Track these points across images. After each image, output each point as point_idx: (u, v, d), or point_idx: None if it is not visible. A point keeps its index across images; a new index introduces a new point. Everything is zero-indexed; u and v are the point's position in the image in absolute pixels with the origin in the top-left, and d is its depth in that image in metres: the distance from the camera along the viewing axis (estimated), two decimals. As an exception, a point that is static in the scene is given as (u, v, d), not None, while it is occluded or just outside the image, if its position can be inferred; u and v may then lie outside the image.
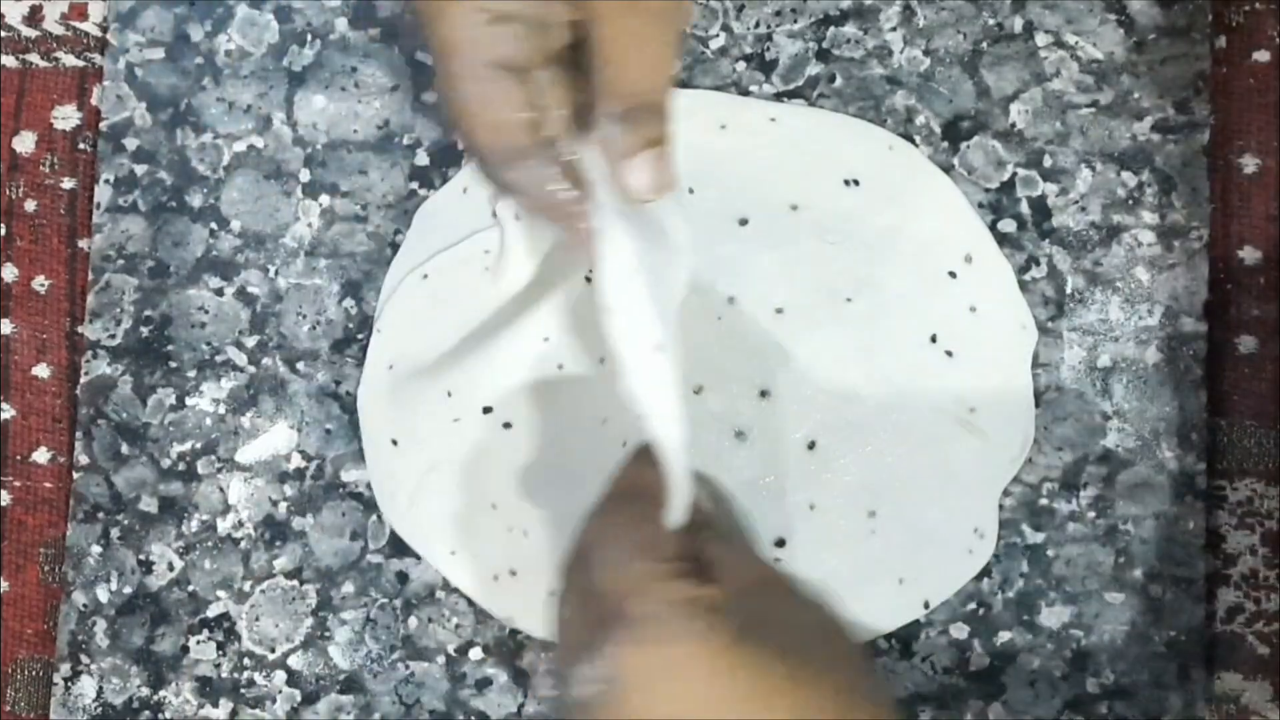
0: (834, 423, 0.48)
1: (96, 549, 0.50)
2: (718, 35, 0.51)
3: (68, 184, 0.53)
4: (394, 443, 0.49)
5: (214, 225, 0.51)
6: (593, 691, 0.35)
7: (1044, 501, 0.49)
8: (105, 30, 0.52)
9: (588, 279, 0.48)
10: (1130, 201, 0.49)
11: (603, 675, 0.35)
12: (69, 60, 0.53)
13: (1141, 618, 0.48)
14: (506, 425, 0.49)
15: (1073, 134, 0.49)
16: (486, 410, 0.49)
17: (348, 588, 0.50)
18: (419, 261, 0.50)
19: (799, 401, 0.48)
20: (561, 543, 0.48)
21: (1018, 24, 0.50)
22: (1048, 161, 0.50)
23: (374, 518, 0.50)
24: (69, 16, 0.53)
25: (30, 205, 0.52)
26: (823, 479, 0.48)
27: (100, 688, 0.50)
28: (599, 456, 0.48)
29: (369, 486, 0.50)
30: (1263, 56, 0.50)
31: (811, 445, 0.48)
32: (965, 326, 0.49)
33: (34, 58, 0.53)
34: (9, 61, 0.53)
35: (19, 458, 0.52)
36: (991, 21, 0.50)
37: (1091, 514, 0.48)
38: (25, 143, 0.53)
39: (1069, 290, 0.49)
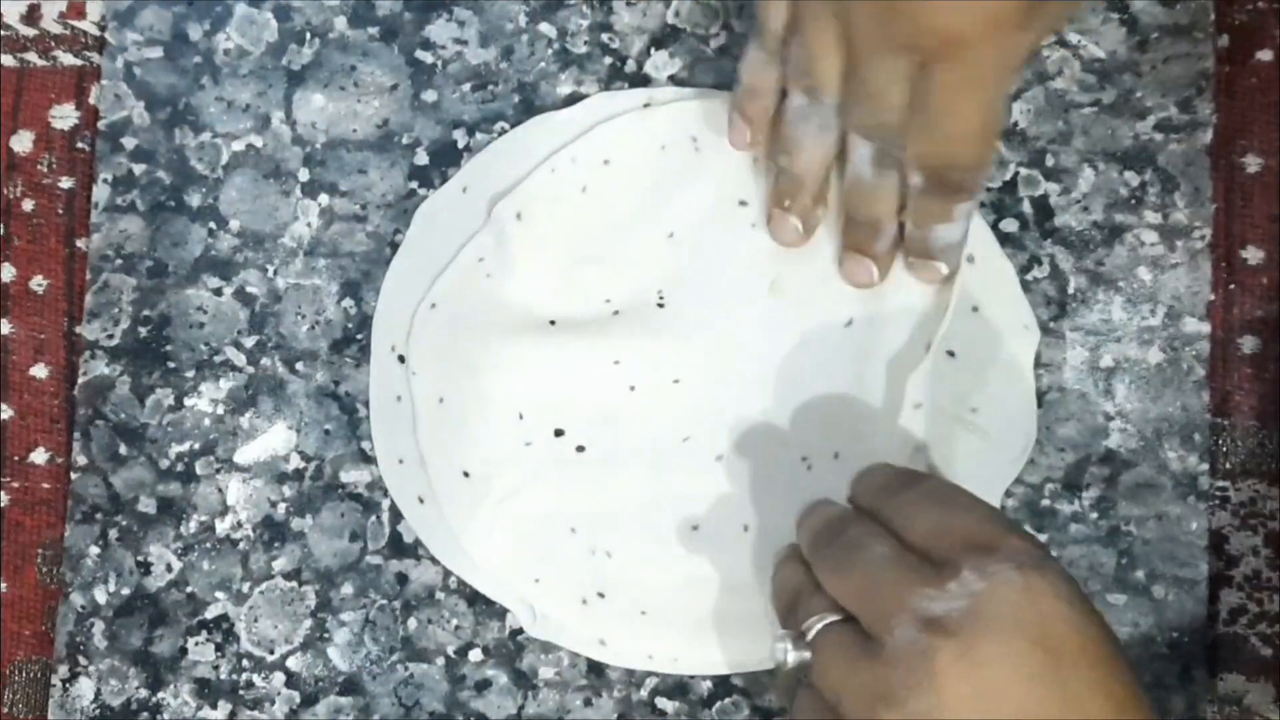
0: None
1: (95, 550, 0.50)
2: (718, 35, 0.51)
3: (66, 183, 0.52)
4: (466, 474, 0.49)
5: (213, 225, 0.51)
6: (953, 607, 0.36)
7: (1046, 502, 0.48)
8: (103, 29, 0.52)
9: (659, 304, 0.48)
10: (1133, 201, 0.49)
11: (971, 591, 0.36)
12: (67, 59, 0.53)
13: (1144, 619, 0.48)
14: (580, 449, 0.49)
15: (1075, 133, 0.49)
16: (558, 433, 0.49)
17: (347, 589, 0.49)
18: (418, 262, 0.50)
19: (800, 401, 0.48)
20: (649, 561, 0.48)
21: (1019, 23, 0.50)
22: (1050, 161, 0.49)
23: (373, 519, 0.50)
24: (67, 15, 0.53)
25: (28, 205, 0.52)
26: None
27: (98, 689, 0.50)
28: (686, 473, 0.48)
29: (368, 487, 0.50)
30: (1266, 56, 0.50)
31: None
32: (967, 326, 0.48)
33: (32, 56, 0.53)
34: (7, 60, 0.53)
35: (17, 458, 0.52)
36: (993, 20, 0.50)
37: (1094, 515, 0.48)
38: (23, 142, 0.53)
39: (1071, 290, 0.49)
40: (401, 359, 0.50)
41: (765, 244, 0.49)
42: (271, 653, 0.49)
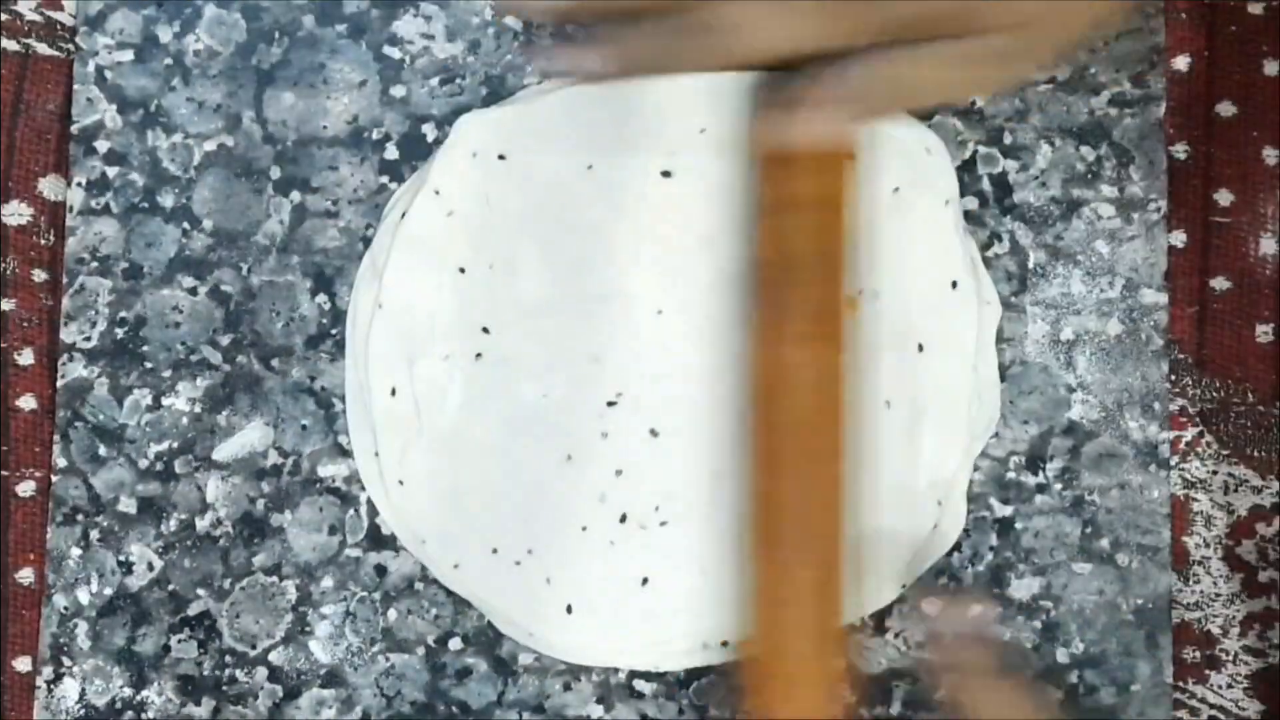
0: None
1: (76, 551, 0.50)
2: (679, 25, 0.51)
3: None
4: (376, 455, 0.50)
5: (186, 225, 0.51)
6: None
7: (1011, 475, 0.49)
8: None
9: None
10: (1089, 175, 0.50)
11: None
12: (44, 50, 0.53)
13: (1109, 586, 0.48)
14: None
15: (1031, 110, 0.50)
16: (485, 330, 0.49)
17: (327, 582, 0.50)
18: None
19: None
20: (578, 548, 0.48)
21: (975, 6, 0.51)
22: (1008, 138, 0.50)
23: (351, 512, 0.50)
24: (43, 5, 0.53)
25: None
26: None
27: (83, 689, 0.50)
28: (611, 456, 0.49)
29: (346, 481, 0.50)
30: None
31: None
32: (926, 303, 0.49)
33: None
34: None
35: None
36: (949, 4, 0.51)
37: (1058, 486, 0.49)
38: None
39: (1031, 265, 0.50)
40: (375, 353, 0.50)
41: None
42: (253, 648, 0.50)
